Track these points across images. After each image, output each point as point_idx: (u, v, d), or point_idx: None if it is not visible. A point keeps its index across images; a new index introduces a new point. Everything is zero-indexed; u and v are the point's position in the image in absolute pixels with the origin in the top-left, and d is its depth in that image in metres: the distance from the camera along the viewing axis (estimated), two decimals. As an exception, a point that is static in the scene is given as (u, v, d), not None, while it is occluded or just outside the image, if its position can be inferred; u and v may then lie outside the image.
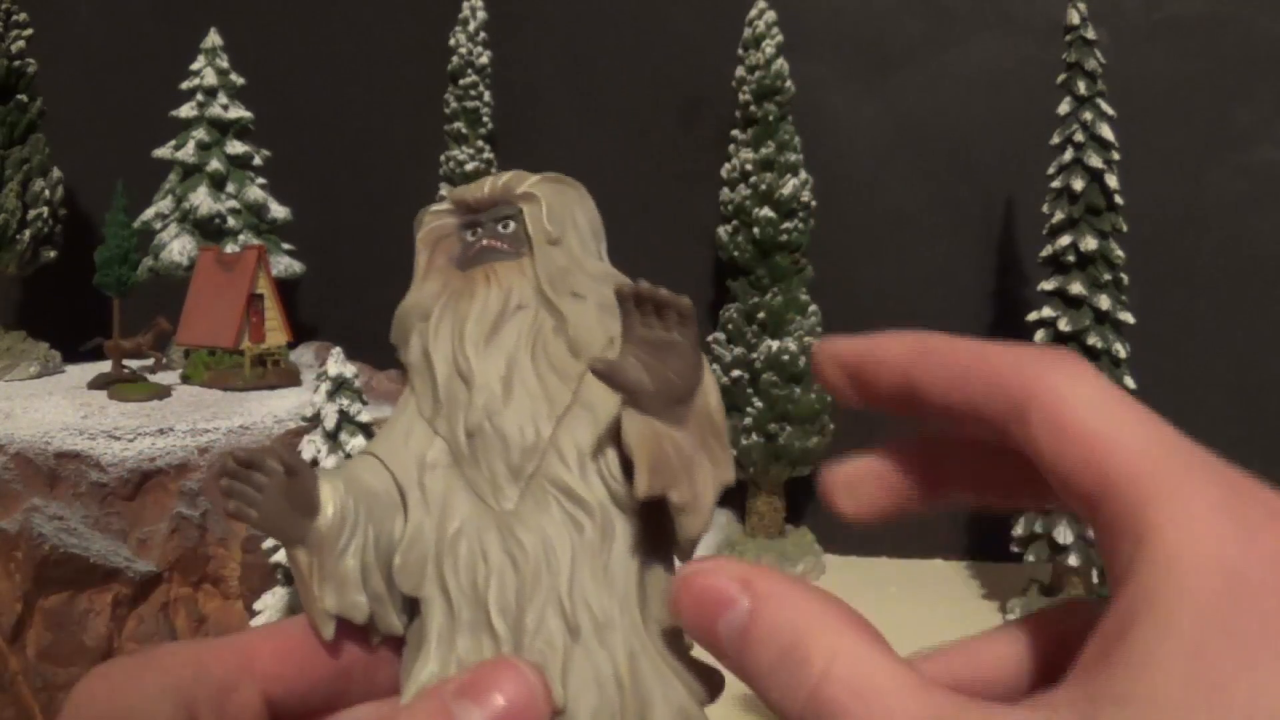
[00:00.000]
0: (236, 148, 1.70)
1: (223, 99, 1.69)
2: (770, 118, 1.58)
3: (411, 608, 0.28)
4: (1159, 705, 0.17)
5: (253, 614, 1.20)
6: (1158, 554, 0.19)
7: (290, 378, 1.52)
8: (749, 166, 1.59)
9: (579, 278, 0.31)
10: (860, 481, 0.27)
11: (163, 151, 1.70)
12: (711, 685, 0.27)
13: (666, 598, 0.25)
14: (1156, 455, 0.20)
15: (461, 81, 1.67)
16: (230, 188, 1.70)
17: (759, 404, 1.58)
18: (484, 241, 0.31)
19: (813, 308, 1.60)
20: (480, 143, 1.69)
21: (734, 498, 1.65)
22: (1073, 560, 1.38)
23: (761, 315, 1.59)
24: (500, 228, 0.31)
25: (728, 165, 1.62)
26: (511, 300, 0.30)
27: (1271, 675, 0.17)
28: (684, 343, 0.26)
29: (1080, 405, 0.21)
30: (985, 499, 0.26)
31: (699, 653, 0.25)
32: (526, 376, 0.29)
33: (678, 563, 0.28)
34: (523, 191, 0.31)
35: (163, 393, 1.43)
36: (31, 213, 1.61)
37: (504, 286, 0.30)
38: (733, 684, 0.25)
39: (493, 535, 0.27)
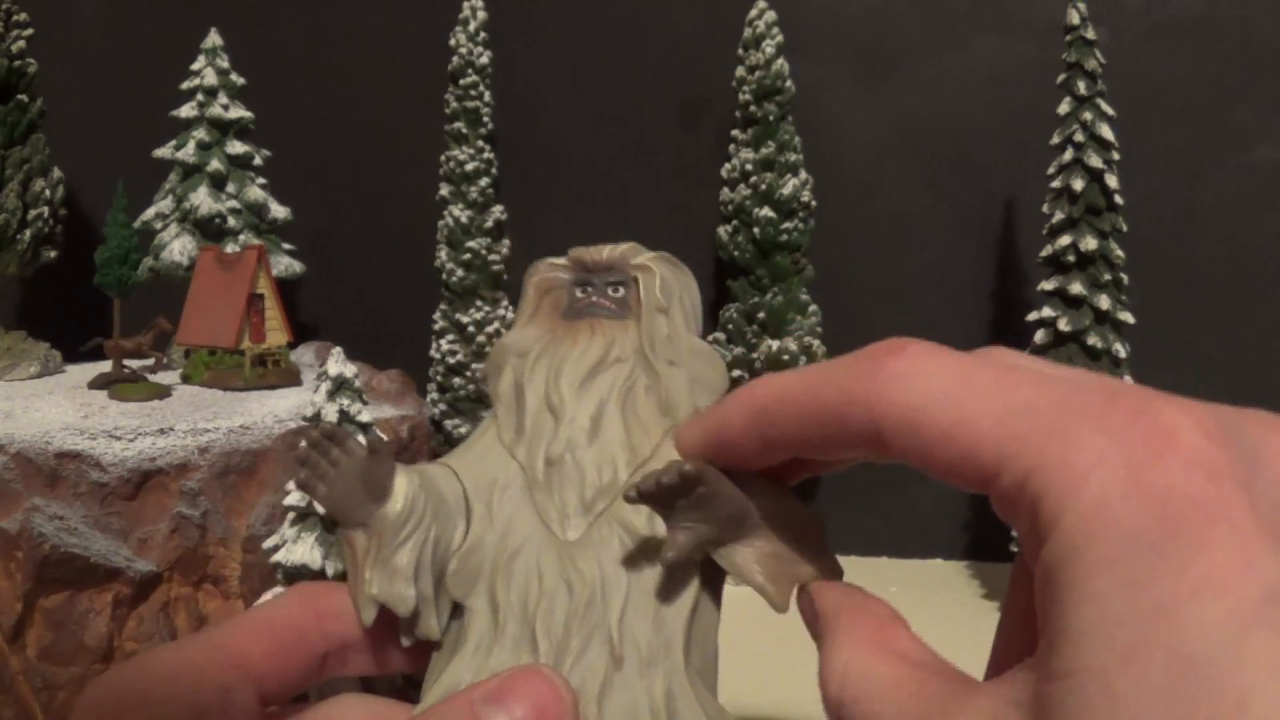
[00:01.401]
0: (236, 148, 1.70)
1: (223, 99, 1.69)
2: (770, 118, 1.58)
3: (450, 616, 0.28)
4: (1081, 677, 0.17)
5: (253, 614, 1.20)
6: (1046, 527, 0.18)
7: (290, 378, 1.52)
8: (749, 166, 1.59)
9: (677, 348, 0.32)
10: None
11: (163, 151, 1.70)
12: None
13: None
14: (1015, 426, 0.19)
15: (461, 81, 1.67)
16: (230, 188, 1.70)
17: (759, 404, 1.58)
18: (594, 299, 0.33)
19: (813, 308, 1.60)
20: (480, 143, 1.69)
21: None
22: (1073, 560, 1.38)
23: (761, 315, 1.59)
24: (611, 290, 0.33)
25: (728, 165, 1.62)
26: (612, 352, 0.31)
27: (1186, 620, 0.16)
28: (708, 493, 0.26)
29: (922, 406, 0.20)
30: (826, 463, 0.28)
31: (730, 705, 0.26)
32: (613, 422, 0.30)
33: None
34: (639, 263, 0.33)
35: (163, 393, 1.43)
36: (32, 213, 1.61)
37: (607, 338, 0.32)
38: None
39: (552, 560, 0.28)
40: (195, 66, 1.70)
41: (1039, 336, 1.46)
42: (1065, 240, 1.44)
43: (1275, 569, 0.16)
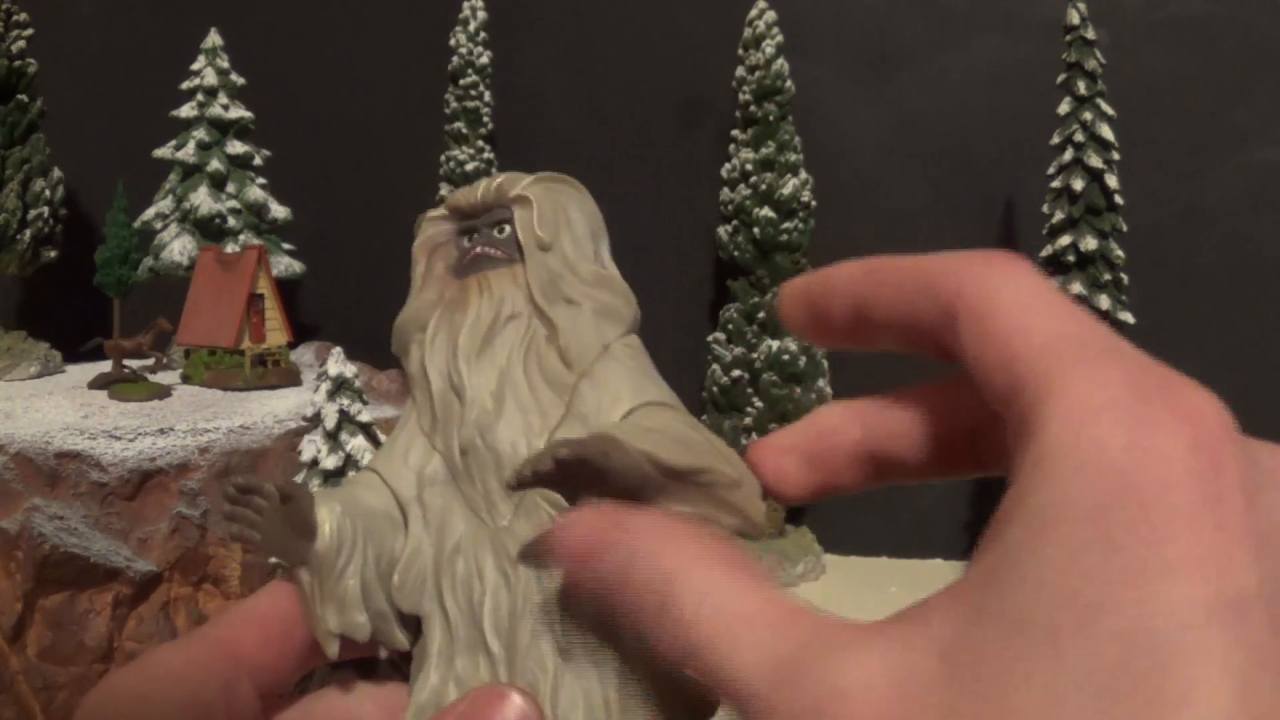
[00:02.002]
0: (236, 148, 1.70)
1: (223, 99, 1.70)
2: (770, 118, 1.58)
3: (417, 622, 0.28)
4: (1027, 627, 0.15)
5: (253, 614, 1.20)
6: (1039, 453, 0.17)
7: (290, 378, 1.52)
8: (749, 166, 1.59)
9: (572, 283, 0.30)
10: (790, 459, 0.26)
11: (163, 151, 1.70)
12: (702, 712, 0.27)
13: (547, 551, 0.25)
14: (1062, 349, 0.18)
15: (461, 81, 1.67)
16: (230, 188, 1.70)
17: (759, 404, 1.58)
18: (478, 249, 0.31)
19: (813, 308, 1.60)
20: (480, 143, 1.69)
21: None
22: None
23: (761, 315, 1.59)
24: (495, 233, 0.31)
25: (728, 165, 1.62)
26: (504, 310, 0.30)
27: (1155, 594, 0.15)
28: (597, 468, 0.25)
29: (1003, 303, 0.19)
30: (925, 474, 0.25)
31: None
32: (519, 389, 0.29)
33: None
34: (516, 194, 0.31)
35: (163, 393, 1.43)
36: (32, 213, 1.61)
37: (496, 296, 0.30)
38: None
39: (488, 553, 0.27)
40: (195, 66, 1.70)
41: (1039, 336, 1.46)
42: (1065, 240, 1.44)
43: (1249, 578, 0.15)
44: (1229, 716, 0.15)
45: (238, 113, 1.71)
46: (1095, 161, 1.42)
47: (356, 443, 1.09)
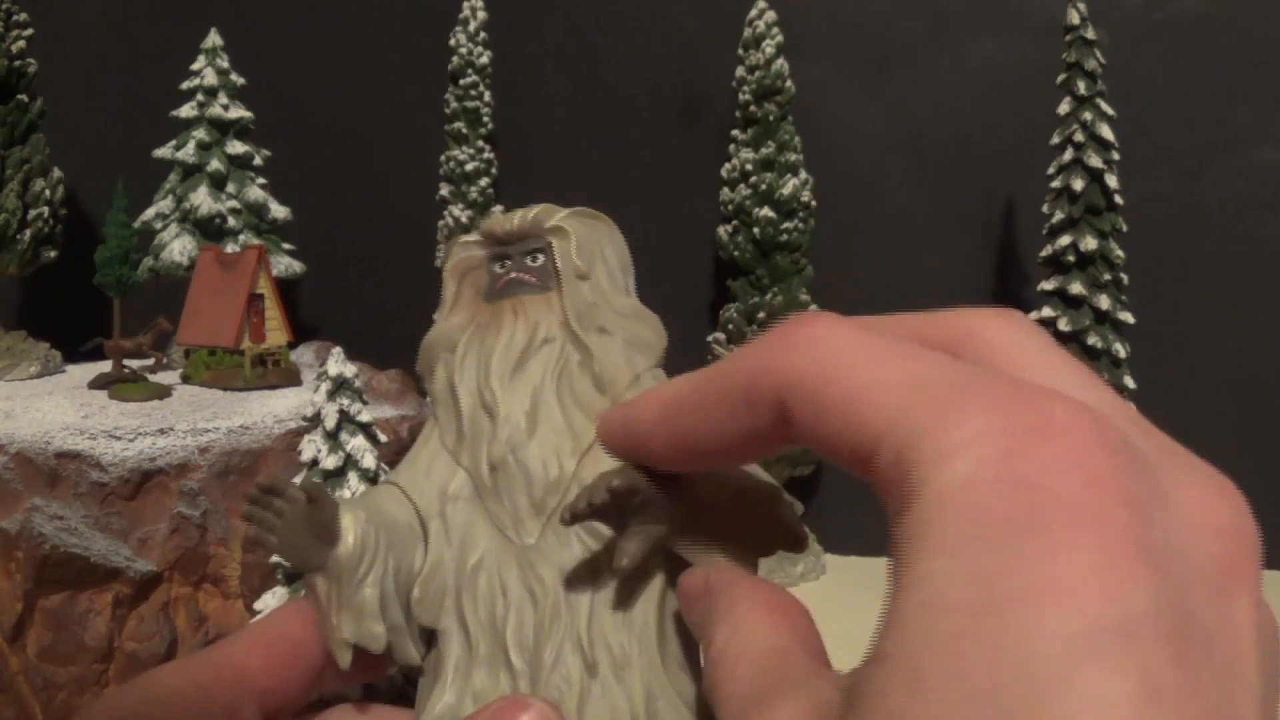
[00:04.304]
0: (237, 148, 1.70)
1: (223, 99, 1.69)
2: (770, 118, 1.58)
3: (429, 637, 0.28)
4: (900, 664, 0.15)
5: (253, 614, 1.20)
6: (910, 502, 0.16)
7: (290, 378, 1.52)
8: (749, 166, 1.59)
9: (606, 313, 0.30)
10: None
11: (163, 151, 1.70)
12: None
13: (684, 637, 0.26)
14: (907, 400, 0.17)
15: (461, 81, 1.67)
16: (230, 188, 1.70)
17: (759, 404, 1.58)
18: (512, 274, 0.31)
19: (813, 308, 1.60)
20: (480, 143, 1.69)
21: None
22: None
23: (761, 315, 1.59)
24: (529, 261, 0.31)
25: (728, 165, 1.62)
26: (538, 334, 0.30)
27: (1020, 622, 0.14)
28: (646, 498, 0.25)
29: (830, 373, 0.18)
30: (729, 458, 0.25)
31: None
32: (551, 411, 0.29)
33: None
34: (552, 225, 0.31)
35: (163, 393, 1.43)
36: (32, 213, 1.61)
37: (530, 320, 0.30)
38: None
39: (513, 569, 0.27)
40: (195, 66, 1.70)
41: (1039, 336, 1.46)
42: (1065, 240, 1.44)
43: (1139, 600, 0.14)
44: None
45: (238, 113, 1.71)
46: (1095, 161, 1.42)
47: (356, 443, 1.09)
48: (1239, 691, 0.15)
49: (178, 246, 1.66)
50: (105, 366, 1.50)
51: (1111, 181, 1.42)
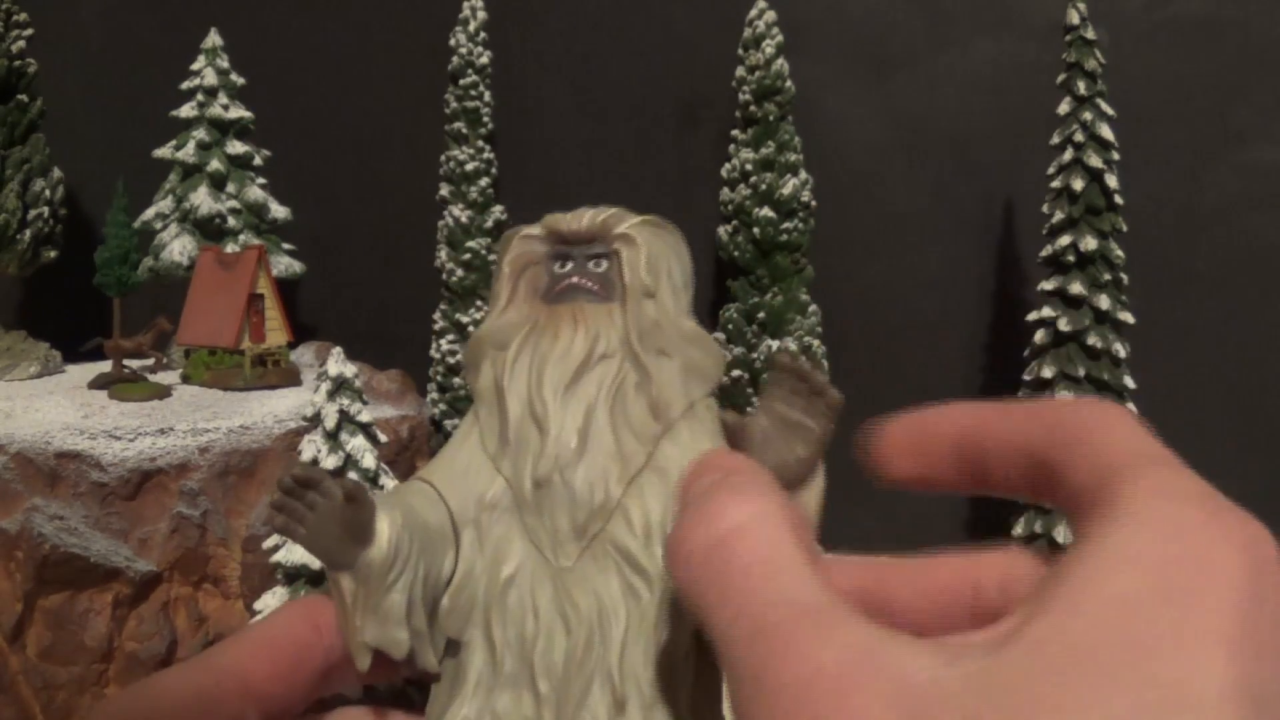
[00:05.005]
0: (236, 148, 1.70)
1: (223, 99, 1.70)
2: (770, 118, 1.58)
3: (448, 644, 0.28)
4: (1079, 657, 0.16)
5: (253, 614, 1.20)
6: (1121, 513, 0.18)
7: (290, 378, 1.52)
8: (749, 166, 1.59)
9: (669, 335, 0.29)
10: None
11: (163, 151, 1.70)
12: None
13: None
14: (1146, 461, 0.19)
15: (461, 81, 1.67)
16: (230, 188, 1.70)
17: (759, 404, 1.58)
18: (574, 278, 0.30)
19: (813, 308, 1.60)
20: (480, 143, 1.69)
21: (734, 498, 1.65)
22: (1073, 560, 1.38)
23: (761, 315, 1.59)
24: (593, 265, 0.30)
25: (728, 165, 1.62)
26: (597, 348, 0.29)
27: (1193, 653, 0.16)
28: (816, 431, 0.25)
29: (1103, 426, 0.20)
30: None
31: None
32: (603, 432, 0.28)
33: None
34: (621, 232, 0.30)
35: (163, 393, 1.43)
36: (32, 213, 1.61)
37: (591, 332, 0.29)
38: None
39: (546, 590, 0.27)
40: (195, 66, 1.70)
41: (1039, 336, 1.46)
42: (1065, 240, 1.44)
43: (1272, 682, 0.16)
44: None
45: (238, 113, 1.71)
46: (1095, 161, 1.42)
47: (356, 443, 1.09)
48: None
49: (178, 246, 1.66)
50: (105, 366, 1.50)
51: (1111, 181, 1.42)
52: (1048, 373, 1.45)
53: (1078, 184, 1.42)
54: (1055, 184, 1.45)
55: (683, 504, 0.22)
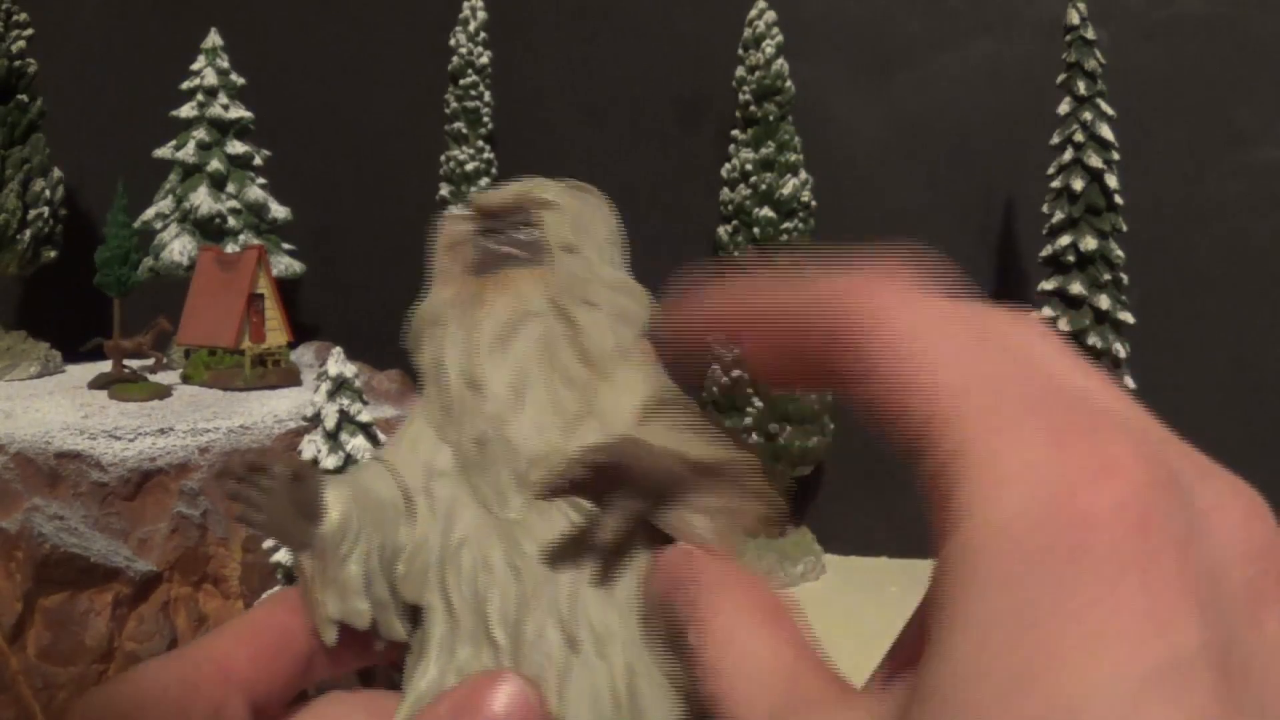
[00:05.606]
0: (236, 148, 1.70)
1: (223, 99, 1.70)
2: (770, 118, 1.58)
3: (415, 613, 0.28)
4: (954, 707, 0.15)
5: (253, 614, 1.20)
6: (957, 525, 0.16)
7: (290, 378, 1.52)
8: (749, 166, 1.59)
9: (594, 286, 0.30)
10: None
11: (163, 151, 1.70)
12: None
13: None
14: (972, 404, 0.17)
15: (461, 81, 1.67)
16: (230, 188, 1.70)
17: (759, 404, 1.58)
18: (501, 249, 0.31)
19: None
20: (480, 143, 1.69)
21: (734, 498, 1.65)
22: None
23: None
24: (519, 235, 0.31)
25: (728, 165, 1.62)
26: (524, 307, 0.30)
27: (1075, 669, 0.14)
28: (627, 471, 0.25)
29: (898, 336, 0.18)
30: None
31: None
32: (536, 385, 0.29)
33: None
34: (544, 199, 0.31)
35: (163, 393, 1.43)
36: (32, 213, 1.61)
37: (517, 293, 0.30)
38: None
39: (496, 544, 0.27)
40: (195, 66, 1.70)
41: (1039, 336, 1.46)
42: (1065, 240, 1.44)
43: (1187, 637, 0.14)
44: None
45: (238, 113, 1.71)
46: (1095, 161, 1.42)
47: (356, 443, 1.09)
48: (1276, 706, 0.16)
49: (178, 246, 1.66)
50: (105, 366, 1.50)
51: (1111, 181, 1.42)
52: (1048, 373, 1.45)
53: (1078, 184, 1.42)
54: (1055, 184, 1.45)
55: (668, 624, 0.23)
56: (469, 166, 1.68)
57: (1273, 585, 0.17)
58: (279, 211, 1.73)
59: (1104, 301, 1.42)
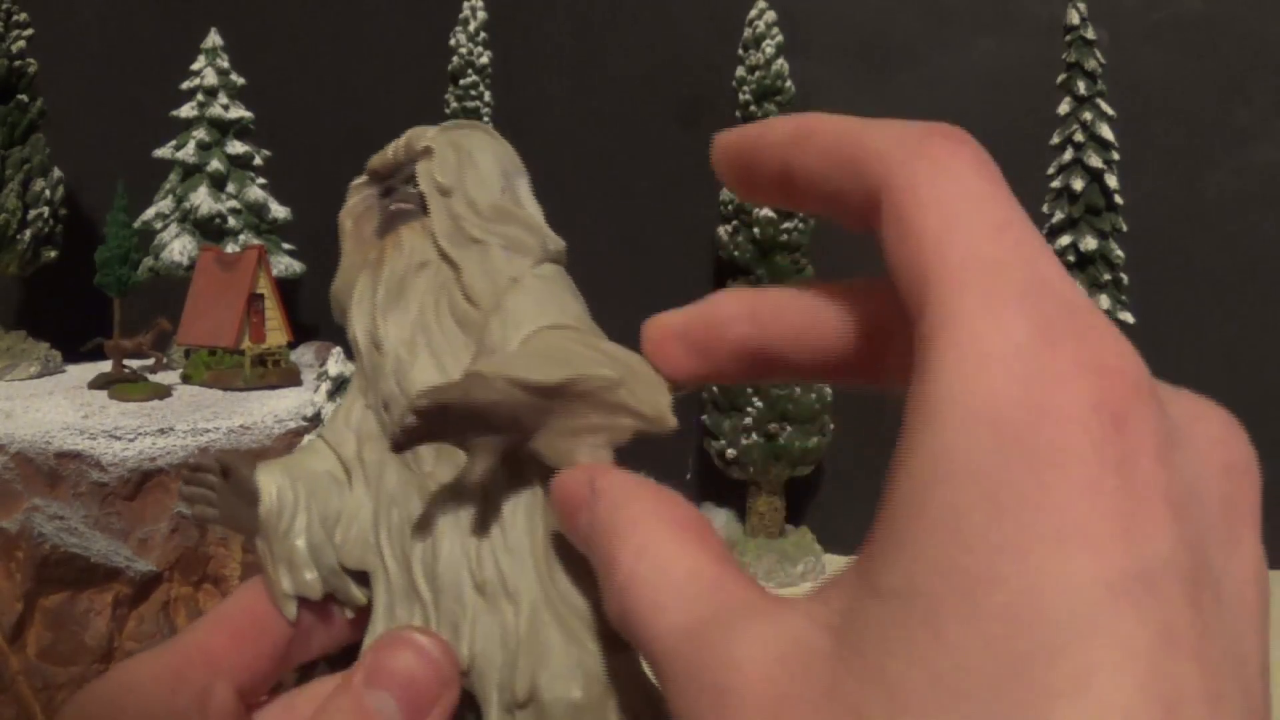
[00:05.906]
0: (236, 148, 1.70)
1: (223, 99, 1.70)
2: (770, 118, 1.58)
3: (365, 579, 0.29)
4: (909, 602, 0.14)
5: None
6: (926, 398, 0.15)
7: (290, 377, 1.52)
8: (749, 166, 1.59)
9: (475, 222, 0.30)
10: (677, 344, 0.24)
11: (163, 151, 1.70)
12: (621, 643, 0.25)
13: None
14: (973, 276, 0.16)
15: (461, 81, 1.67)
16: (230, 188, 1.70)
17: (759, 404, 1.58)
18: (394, 206, 0.32)
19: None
20: (480, 143, 1.69)
21: (734, 498, 1.65)
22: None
23: (761, 315, 1.59)
24: (410, 188, 0.32)
25: (728, 165, 1.62)
26: (413, 260, 0.30)
27: (1045, 567, 0.14)
28: (469, 410, 0.25)
29: (928, 202, 0.18)
30: (814, 377, 0.24)
31: None
32: (431, 335, 0.29)
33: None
34: (421, 147, 0.32)
35: (163, 392, 1.43)
36: (32, 213, 1.61)
37: (406, 248, 0.31)
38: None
39: (417, 501, 0.28)
40: (195, 66, 1.70)
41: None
42: (1065, 240, 1.44)
43: (1158, 547, 0.14)
44: (1131, 707, 0.13)
45: (238, 113, 1.71)
46: (1095, 161, 1.42)
47: (356, 443, 1.09)
48: (1246, 633, 0.15)
49: (178, 246, 1.66)
50: (105, 366, 1.50)
51: (1111, 181, 1.43)
52: (1048, 373, 1.46)
53: (1078, 184, 1.42)
54: (1055, 184, 1.46)
55: (581, 543, 0.22)
56: (469, 166, 1.68)
57: (1247, 501, 0.16)
58: (279, 211, 1.73)
59: (1104, 301, 1.42)
